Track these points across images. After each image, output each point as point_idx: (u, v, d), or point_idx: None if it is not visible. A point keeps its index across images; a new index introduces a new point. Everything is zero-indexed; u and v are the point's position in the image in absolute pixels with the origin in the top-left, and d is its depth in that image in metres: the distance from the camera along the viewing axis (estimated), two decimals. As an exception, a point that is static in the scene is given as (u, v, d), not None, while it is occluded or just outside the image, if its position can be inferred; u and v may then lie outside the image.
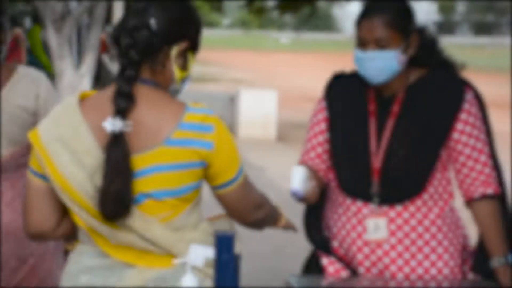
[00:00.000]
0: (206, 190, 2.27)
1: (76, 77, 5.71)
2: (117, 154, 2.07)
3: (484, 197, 2.83)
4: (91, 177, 2.10)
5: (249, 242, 2.93)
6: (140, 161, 2.10)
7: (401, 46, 2.76)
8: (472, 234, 2.97)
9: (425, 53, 2.87)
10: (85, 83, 5.78)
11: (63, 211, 2.21)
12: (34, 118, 3.31)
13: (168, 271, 2.16)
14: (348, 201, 2.88)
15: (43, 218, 2.20)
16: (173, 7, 2.22)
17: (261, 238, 5.52)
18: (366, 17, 2.78)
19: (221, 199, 2.23)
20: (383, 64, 2.75)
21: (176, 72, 2.22)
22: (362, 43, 2.78)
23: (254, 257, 5.87)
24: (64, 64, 5.66)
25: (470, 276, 2.90)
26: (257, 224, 2.34)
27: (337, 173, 2.90)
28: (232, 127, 14.18)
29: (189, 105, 2.15)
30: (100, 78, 10.95)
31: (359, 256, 2.87)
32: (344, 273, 2.90)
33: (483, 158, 2.84)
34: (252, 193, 2.28)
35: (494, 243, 2.83)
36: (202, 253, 2.05)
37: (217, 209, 2.35)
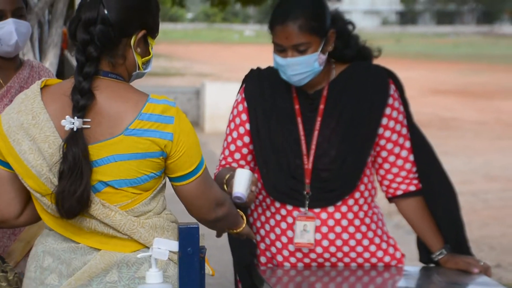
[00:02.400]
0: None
1: (38, 73, 5.65)
2: (74, 153, 2.06)
3: (408, 194, 2.85)
4: (50, 166, 2.10)
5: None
6: (100, 149, 2.10)
7: (320, 47, 2.72)
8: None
9: (340, 43, 2.81)
10: (48, 79, 5.69)
11: (27, 199, 2.21)
12: None
13: (132, 255, 2.15)
14: (277, 204, 2.83)
15: (6, 205, 2.19)
16: None
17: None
18: (279, 24, 2.71)
19: (179, 193, 2.20)
20: (305, 69, 2.72)
21: (138, 60, 2.19)
22: (281, 49, 2.73)
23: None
24: (25, 61, 5.60)
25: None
26: (217, 223, 2.30)
27: (265, 177, 2.83)
28: (198, 121, 14.13)
29: (151, 96, 2.14)
30: (63, 74, 10.82)
31: (292, 260, 2.83)
32: None
33: (404, 153, 2.84)
34: (213, 189, 2.24)
35: (428, 239, 2.86)
36: (165, 246, 2.04)
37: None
